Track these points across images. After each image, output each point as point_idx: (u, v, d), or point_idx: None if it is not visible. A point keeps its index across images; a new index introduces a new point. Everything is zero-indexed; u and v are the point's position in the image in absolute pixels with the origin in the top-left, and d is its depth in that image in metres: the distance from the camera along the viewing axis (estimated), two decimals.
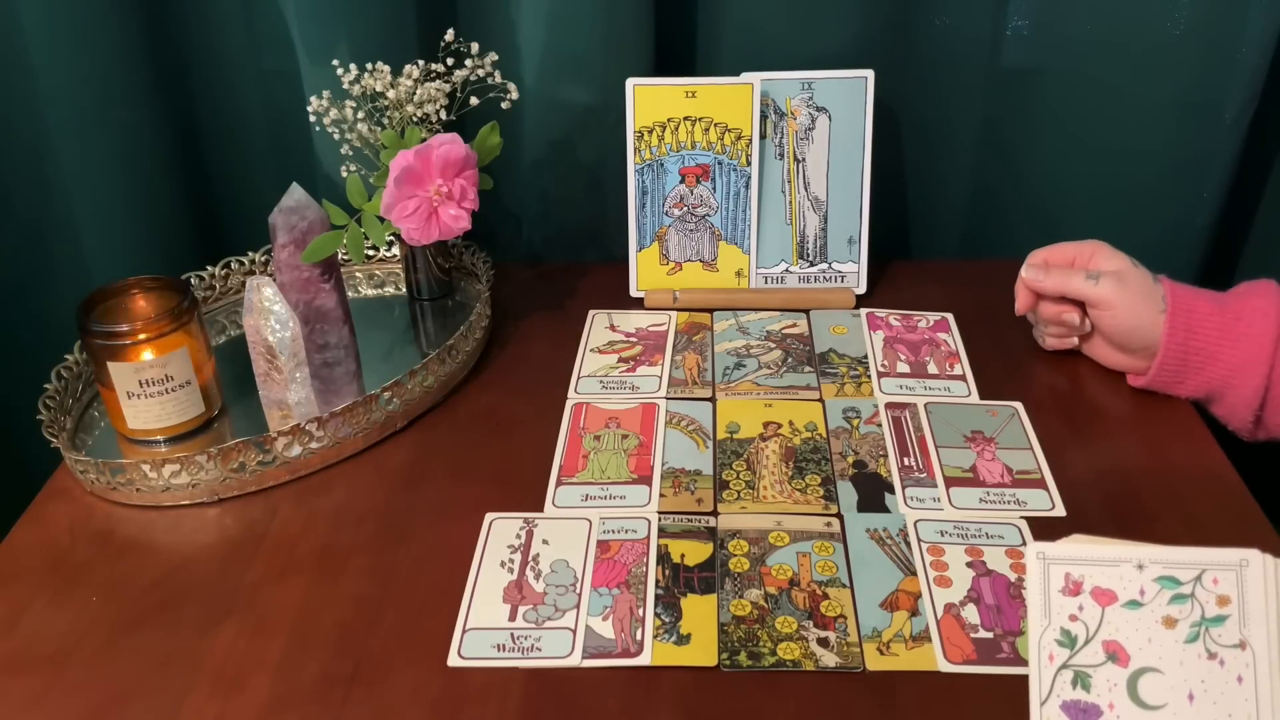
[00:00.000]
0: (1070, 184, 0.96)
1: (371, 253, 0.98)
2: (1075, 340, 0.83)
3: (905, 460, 0.75)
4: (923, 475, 0.74)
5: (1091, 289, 0.77)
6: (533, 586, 0.66)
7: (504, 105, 0.85)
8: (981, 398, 0.81)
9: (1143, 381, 0.79)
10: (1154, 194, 0.92)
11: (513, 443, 0.78)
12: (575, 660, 0.61)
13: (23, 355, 0.98)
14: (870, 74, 0.89)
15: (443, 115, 0.84)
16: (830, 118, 0.90)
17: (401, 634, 0.63)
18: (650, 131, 0.90)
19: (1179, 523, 0.69)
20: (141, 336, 0.75)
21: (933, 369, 0.84)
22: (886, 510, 0.71)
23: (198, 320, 0.78)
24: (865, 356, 0.86)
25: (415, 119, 0.84)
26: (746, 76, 0.89)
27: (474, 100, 0.86)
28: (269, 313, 0.74)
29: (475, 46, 0.85)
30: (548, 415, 0.80)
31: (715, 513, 0.71)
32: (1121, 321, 0.77)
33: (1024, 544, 0.67)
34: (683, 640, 0.62)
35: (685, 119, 0.90)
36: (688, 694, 0.59)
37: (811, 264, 0.93)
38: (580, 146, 0.96)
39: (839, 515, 0.71)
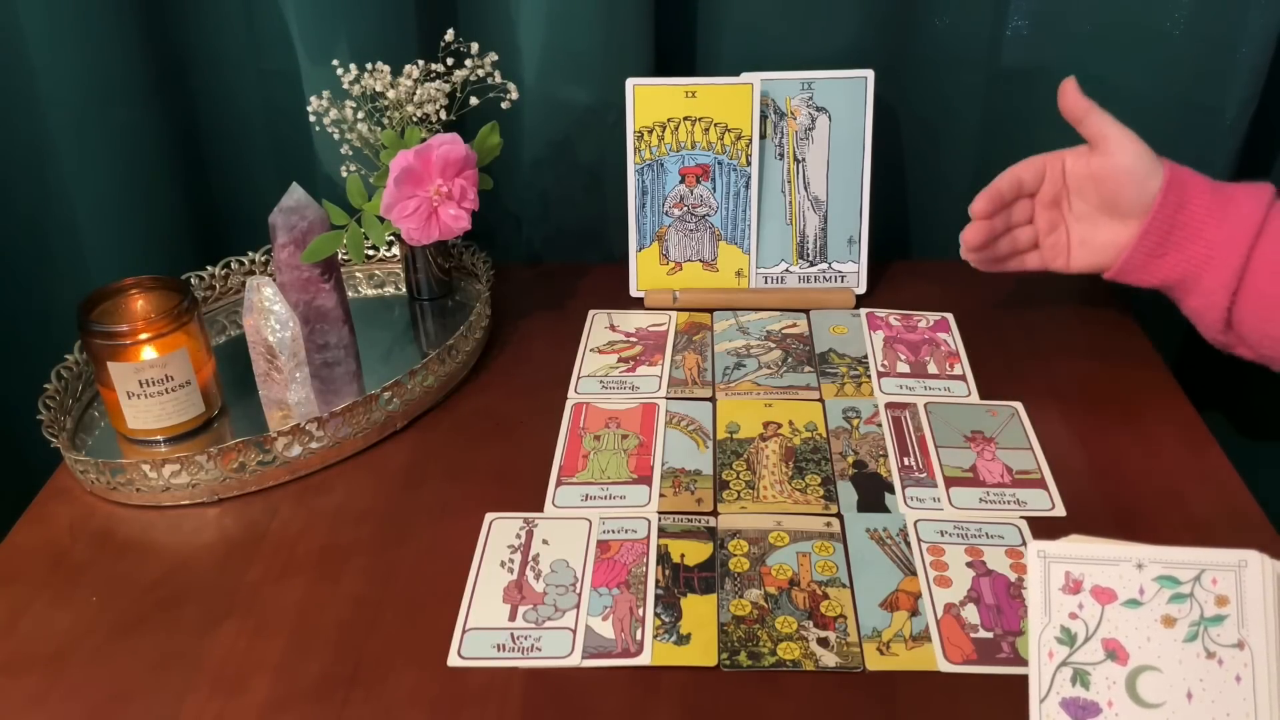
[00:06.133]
0: None
1: (371, 253, 0.98)
2: (1026, 255, 0.81)
3: (905, 460, 0.75)
4: (923, 475, 0.74)
5: (1107, 117, 0.75)
6: (533, 586, 0.66)
7: (504, 105, 0.85)
8: (981, 398, 0.81)
9: (1121, 259, 0.76)
10: None
11: (513, 443, 0.78)
12: (575, 660, 0.61)
13: (23, 355, 0.99)
14: (870, 74, 0.89)
15: (443, 115, 0.84)
16: (830, 118, 0.90)
17: (401, 634, 0.63)
18: (650, 131, 0.90)
19: (1179, 523, 0.69)
20: (141, 336, 0.75)
21: (933, 369, 0.84)
22: (886, 510, 0.71)
23: (198, 320, 0.78)
24: (865, 356, 0.86)
25: (415, 119, 0.84)
26: (746, 76, 0.89)
27: (474, 100, 0.86)
28: (269, 313, 0.74)
29: (475, 46, 0.85)
30: (548, 415, 0.80)
31: (715, 513, 0.71)
32: (1128, 162, 0.74)
33: (1024, 544, 0.67)
34: (683, 640, 0.62)
35: (685, 119, 0.90)
36: (688, 694, 0.59)
37: (811, 264, 0.93)
38: (580, 146, 0.96)
39: (839, 515, 0.71)
